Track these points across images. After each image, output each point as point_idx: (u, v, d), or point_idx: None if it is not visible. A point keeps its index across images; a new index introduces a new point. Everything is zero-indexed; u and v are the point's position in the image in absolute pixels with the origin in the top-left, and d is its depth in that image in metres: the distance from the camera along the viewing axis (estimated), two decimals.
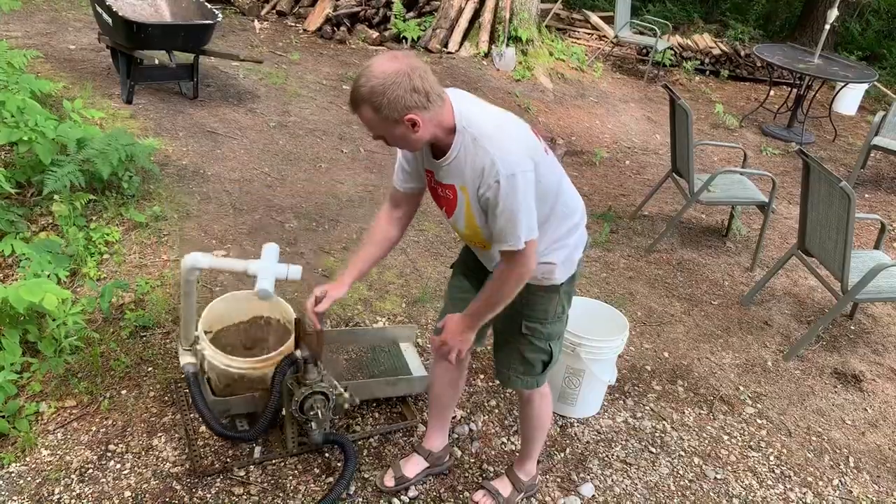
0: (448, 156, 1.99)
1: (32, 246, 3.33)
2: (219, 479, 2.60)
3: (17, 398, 2.79)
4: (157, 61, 5.27)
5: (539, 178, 1.98)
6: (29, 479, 2.52)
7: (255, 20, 7.85)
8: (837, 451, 3.24)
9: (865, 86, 8.31)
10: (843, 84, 7.63)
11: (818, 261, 3.94)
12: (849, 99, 8.36)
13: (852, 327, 4.22)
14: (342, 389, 2.57)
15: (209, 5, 5.50)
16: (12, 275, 3.40)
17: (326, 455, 2.76)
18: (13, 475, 2.53)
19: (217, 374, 2.71)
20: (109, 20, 5.03)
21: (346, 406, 2.59)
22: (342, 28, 7.83)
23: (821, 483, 3.04)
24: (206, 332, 2.78)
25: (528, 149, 1.99)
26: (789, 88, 8.17)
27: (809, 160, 3.75)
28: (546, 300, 2.26)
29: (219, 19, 5.33)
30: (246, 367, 2.66)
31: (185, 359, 2.68)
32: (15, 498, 2.45)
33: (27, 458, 2.59)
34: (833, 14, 6.97)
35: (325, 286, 2.30)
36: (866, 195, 6.18)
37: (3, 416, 2.67)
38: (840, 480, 3.08)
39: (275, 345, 2.90)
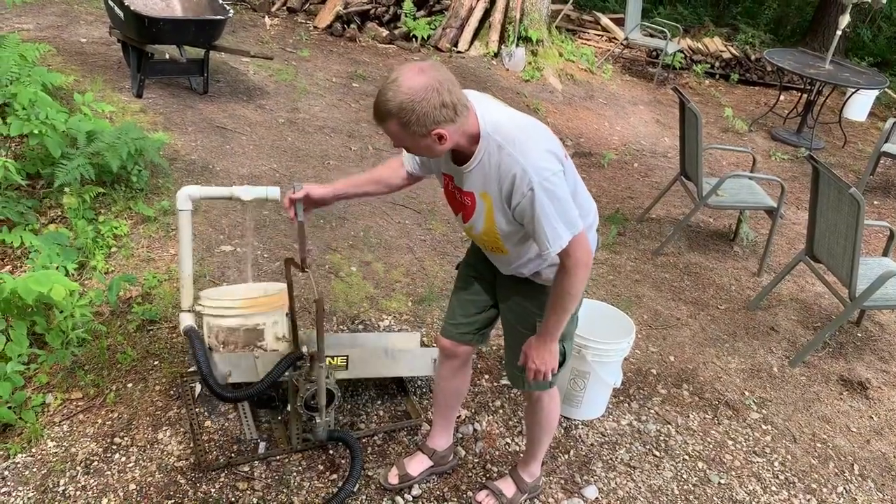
0: (471, 162, 1.98)
1: (42, 238, 3.35)
2: (223, 474, 2.61)
3: (24, 389, 2.80)
4: (167, 56, 5.28)
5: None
6: (35, 469, 2.53)
7: (266, 16, 7.87)
8: (842, 458, 3.23)
9: (876, 92, 8.28)
10: (853, 90, 7.60)
11: (826, 267, 3.92)
12: (859, 105, 8.33)
13: (859, 334, 4.21)
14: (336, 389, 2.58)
15: (220, 1, 5.51)
16: (21, 266, 3.41)
17: (331, 452, 2.77)
18: (19, 466, 2.54)
19: (215, 334, 2.74)
20: (121, 14, 5.05)
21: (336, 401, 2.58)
22: (352, 26, 7.84)
23: (825, 490, 3.03)
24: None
25: (554, 149, 1.98)
26: (799, 93, 8.14)
27: (819, 166, 3.74)
28: None
29: (230, 15, 5.34)
30: (239, 308, 2.72)
31: (186, 320, 2.72)
32: (21, 488, 2.46)
33: (33, 449, 2.60)
34: (845, 20, 6.95)
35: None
36: (875, 202, 6.16)
37: (10, 407, 2.68)
38: (844, 488, 3.07)
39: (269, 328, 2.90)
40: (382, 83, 1.86)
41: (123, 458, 2.62)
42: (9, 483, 2.47)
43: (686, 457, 3.08)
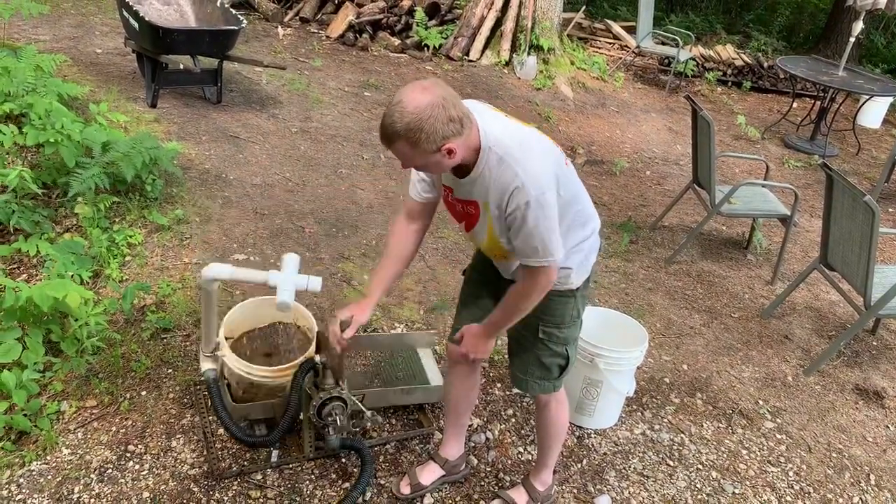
0: (472, 174, 2.01)
1: (57, 247, 3.38)
2: (236, 482, 2.62)
3: (39, 397, 2.82)
4: (181, 66, 5.33)
5: (559, 191, 2.01)
6: (49, 477, 2.55)
7: (279, 26, 7.92)
8: (858, 468, 3.20)
9: (890, 99, 8.23)
10: (867, 97, 7.56)
11: (840, 275, 3.90)
12: (873, 112, 8.28)
13: (874, 343, 4.17)
14: (364, 408, 2.59)
15: (234, 11, 5.56)
16: (37, 275, 3.44)
17: (343, 460, 2.77)
18: (34, 473, 2.55)
19: (237, 381, 2.73)
20: (136, 25, 5.10)
21: (369, 424, 2.60)
22: (364, 35, 7.88)
23: (841, 500, 3.00)
24: (226, 338, 2.80)
25: (552, 165, 2.02)
26: (812, 101, 8.10)
27: (833, 173, 3.72)
28: (563, 305, 2.27)
29: (243, 25, 5.38)
30: (265, 375, 2.68)
31: (206, 364, 2.70)
32: (36, 496, 2.47)
33: (48, 457, 2.62)
34: (858, 26, 6.92)
35: (348, 309, 2.31)
36: (890, 209, 6.12)
37: (26, 415, 2.70)
38: (860, 498, 3.04)
39: (294, 352, 2.91)
40: (387, 107, 1.87)
41: (137, 466, 2.63)
42: (24, 490, 2.49)
43: (700, 466, 3.06)
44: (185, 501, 2.52)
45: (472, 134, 1.94)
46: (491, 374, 3.36)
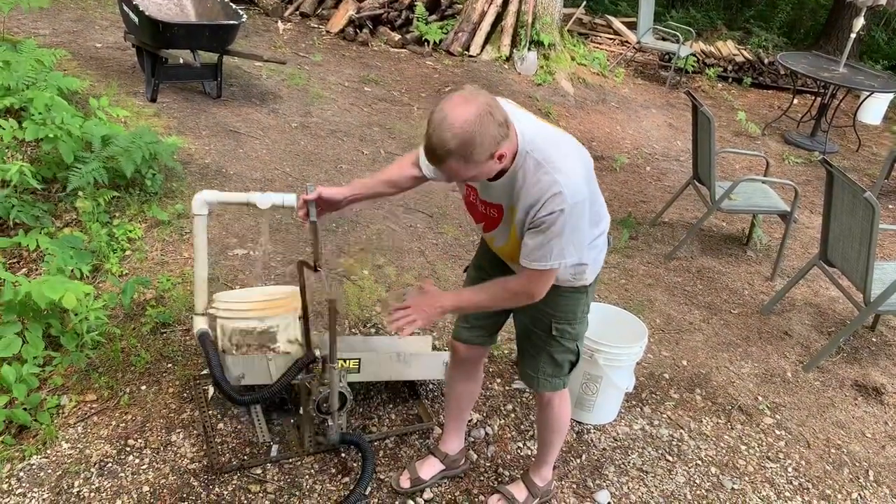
0: (506, 176, 1.97)
1: (56, 241, 3.38)
2: (236, 477, 2.62)
3: (39, 391, 2.83)
4: (181, 60, 5.32)
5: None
6: (49, 471, 2.55)
7: (279, 21, 7.90)
8: (857, 464, 3.20)
9: (891, 95, 8.22)
10: (868, 93, 7.56)
11: (840, 271, 3.90)
12: (874, 108, 8.28)
13: (874, 339, 4.17)
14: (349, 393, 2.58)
15: (234, 6, 5.55)
16: (37, 269, 3.44)
17: (342, 455, 2.77)
18: (34, 467, 2.56)
19: (228, 336, 2.75)
20: (136, 19, 5.09)
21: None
22: (365, 30, 7.87)
23: (839, 496, 3.01)
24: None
25: (585, 168, 1.99)
26: (813, 97, 8.10)
27: (833, 169, 3.72)
28: (575, 301, 2.27)
29: (243, 20, 5.37)
30: (258, 308, 2.72)
31: (199, 323, 2.73)
32: (36, 490, 2.48)
33: (48, 451, 2.63)
34: (859, 23, 6.91)
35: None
36: (890, 206, 6.11)
37: (25, 409, 2.70)
38: (859, 494, 3.04)
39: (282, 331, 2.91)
40: (430, 125, 1.81)
41: (137, 460, 2.63)
42: (24, 484, 2.49)
43: (699, 462, 3.06)
44: (184, 496, 2.52)
45: (512, 136, 1.90)
46: (491, 370, 3.36)
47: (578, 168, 1.97)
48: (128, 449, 2.67)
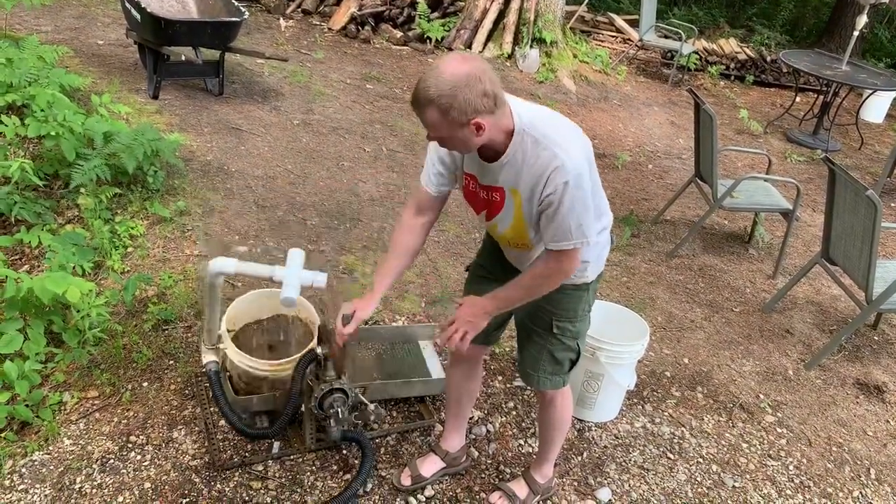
0: (503, 158, 1.98)
1: (58, 238, 3.38)
2: (237, 473, 2.63)
3: (41, 387, 2.83)
4: (183, 58, 5.32)
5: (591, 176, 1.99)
6: (51, 467, 2.55)
7: (281, 18, 7.90)
8: (858, 463, 3.20)
9: (894, 94, 8.19)
10: (870, 91, 7.54)
11: (842, 270, 3.89)
12: (876, 107, 8.26)
13: (876, 338, 4.17)
14: (367, 402, 2.57)
15: (236, 3, 5.54)
16: (39, 266, 3.44)
17: (344, 452, 2.78)
18: (36, 463, 2.56)
19: (239, 374, 2.73)
20: (138, 16, 5.09)
21: (373, 421, 2.58)
22: (367, 27, 7.86)
23: (841, 494, 3.01)
24: (228, 331, 2.80)
25: (585, 149, 1.99)
26: (815, 95, 8.09)
27: (835, 168, 3.71)
28: (577, 298, 2.26)
29: (245, 17, 5.37)
30: (268, 368, 2.68)
31: (208, 356, 2.71)
32: (38, 486, 2.48)
33: (50, 447, 2.63)
34: (862, 20, 6.89)
35: (352, 304, 2.23)
36: (892, 204, 6.10)
37: (28, 405, 2.71)
38: (861, 492, 3.04)
39: (297, 345, 2.91)
40: (424, 72, 1.85)
41: (139, 457, 2.64)
42: (26, 480, 2.50)
43: (700, 460, 3.06)
44: (186, 492, 2.53)
45: (504, 115, 1.91)
46: (492, 367, 3.37)
47: (577, 143, 1.96)
48: (129, 445, 2.68)
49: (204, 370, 2.71)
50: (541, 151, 1.92)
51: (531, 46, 7.68)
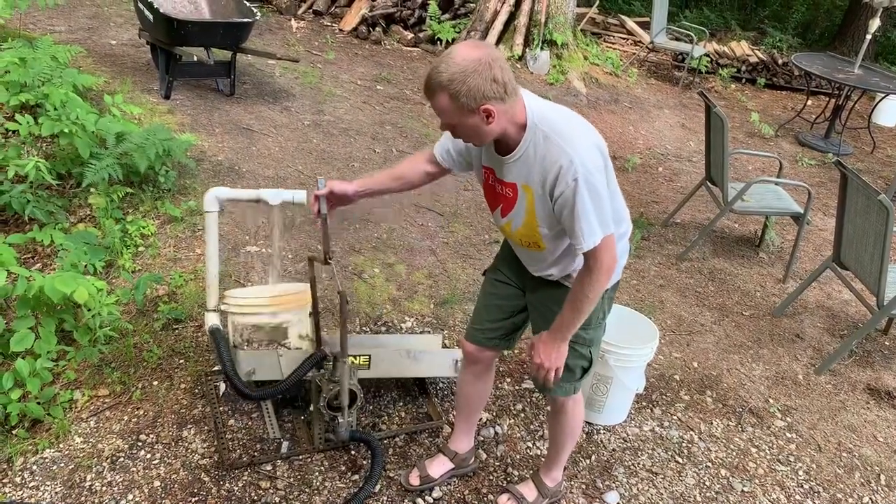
0: (515, 152, 1.98)
1: (70, 237, 3.40)
2: (246, 473, 2.64)
3: (53, 385, 2.85)
4: (195, 58, 5.35)
5: (607, 182, 1.98)
6: (62, 464, 2.57)
7: (292, 19, 7.93)
8: (868, 468, 3.18)
9: None
10: (883, 95, 7.50)
11: (853, 274, 3.87)
12: (889, 110, 8.21)
13: (887, 343, 4.15)
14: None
15: (248, 4, 5.57)
16: (51, 264, 3.47)
17: (353, 452, 2.78)
18: (47, 461, 2.58)
19: (240, 332, 2.77)
20: (150, 17, 5.12)
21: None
22: (377, 29, 7.88)
23: (850, 500, 2.99)
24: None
25: (599, 146, 1.98)
26: (827, 98, 8.05)
27: (847, 171, 3.70)
28: None
29: (257, 18, 5.39)
30: (265, 306, 2.76)
31: (211, 319, 2.75)
32: (48, 483, 2.50)
33: (61, 445, 2.65)
34: (875, 24, 6.86)
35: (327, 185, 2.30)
36: None
37: (39, 403, 2.73)
38: (870, 498, 3.02)
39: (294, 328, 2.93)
40: (436, 59, 1.85)
41: (149, 455, 2.65)
42: (37, 477, 2.51)
43: (709, 464, 3.05)
44: (195, 491, 2.54)
45: (517, 107, 1.91)
46: (501, 369, 3.36)
47: (589, 142, 1.95)
48: (139, 444, 2.69)
49: (207, 329, 2.77)
50: (550, 146, 1.91)
51: (542, 48, 7.68)
